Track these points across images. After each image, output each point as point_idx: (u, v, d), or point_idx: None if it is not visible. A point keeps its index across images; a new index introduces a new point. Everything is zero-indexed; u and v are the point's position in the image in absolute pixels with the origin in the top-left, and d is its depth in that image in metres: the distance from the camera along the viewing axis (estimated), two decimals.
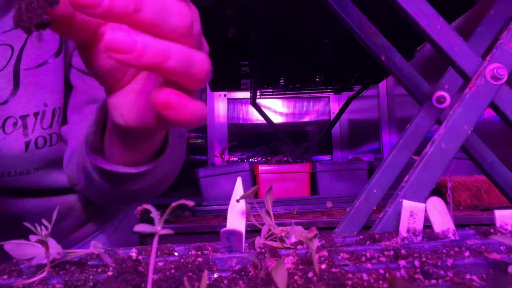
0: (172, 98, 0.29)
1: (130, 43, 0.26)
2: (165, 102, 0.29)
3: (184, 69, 0.28)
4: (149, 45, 0.27)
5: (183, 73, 0.28)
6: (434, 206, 0.39)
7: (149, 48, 0.26)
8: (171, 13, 0.28)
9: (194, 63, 0.29)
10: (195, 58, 0.29)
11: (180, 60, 0.28)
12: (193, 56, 0.29)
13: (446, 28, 0.54)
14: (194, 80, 0.29)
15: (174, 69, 0.28)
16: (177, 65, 0.28)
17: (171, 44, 0.28)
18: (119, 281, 0.26)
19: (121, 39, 0.26)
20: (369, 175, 1.54)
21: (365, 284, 0.25)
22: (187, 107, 0.29)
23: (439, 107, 0.71)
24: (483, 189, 1.05)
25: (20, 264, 0.33)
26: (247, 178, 1.52)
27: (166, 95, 0.29)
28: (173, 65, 0.27)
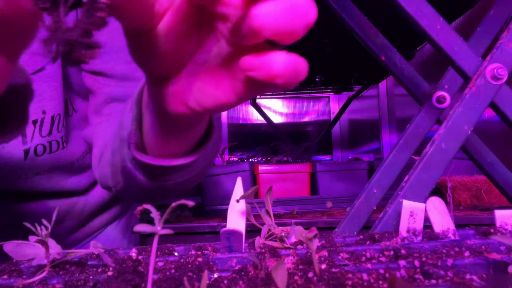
0: (261, 56, 0.27)
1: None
2: (254, 63, 0.27)
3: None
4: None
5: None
6: (434, 206, 0.39)
7: None
8: None
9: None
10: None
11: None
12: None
13: (446, 28, 0.54)
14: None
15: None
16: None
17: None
18: (119, 281, 0.26)
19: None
20: (369, 175, 1.54)
21: (365, 284, 0.25)
22: (281, 61, 0.27)
23: (439, 107, 0.71)
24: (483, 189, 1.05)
25: (20, 264, 0.33)
26: (247, 178, 1.52)
27: (254, 56, 0.27)
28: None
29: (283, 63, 0.26)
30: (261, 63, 0.27)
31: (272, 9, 0.25)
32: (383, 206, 0.53)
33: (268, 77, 0.27)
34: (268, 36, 0.26)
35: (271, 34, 0.26)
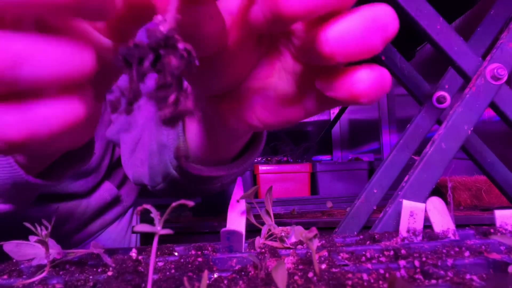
0: (340, 75, 0.23)
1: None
2: (332, 83, 0.23)
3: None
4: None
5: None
6: (434, 206, 0.39)
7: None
8: None
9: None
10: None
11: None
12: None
13: (446, 28, 0.54)
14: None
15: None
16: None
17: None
18: (119, 281, 0.26)
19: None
20: (369, 175, 1.54)
21: (365, 284, 0.25)
22: (365, 80, 0.23)
23: (439, 107, 0.71)
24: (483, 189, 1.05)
25: (20, 264, 0.33)
26: (247, 178, 1.52)
27: (331, 75, 0.23)
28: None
29: (367, 81, 0.23)
30: (341, 83, 0.23)
31: (346, 31, 0.21)
32: (383, 206, 0.53)
33: (351, 97, 0.23)
34: (341, 61, 0.22)
35: (344, 59, 0.22)
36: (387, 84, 0.23)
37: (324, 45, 0.21)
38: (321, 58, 0.22)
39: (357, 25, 0.21)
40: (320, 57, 0.22)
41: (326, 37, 0.21)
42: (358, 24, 0.21)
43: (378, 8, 0.22)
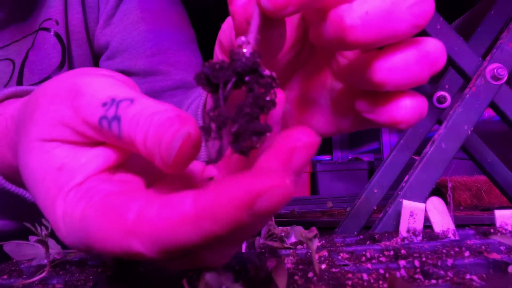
0: (383, 100, 0.24)
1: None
2: (374, 107, 0.24)
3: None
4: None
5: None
6: (434, 206, 0.39)
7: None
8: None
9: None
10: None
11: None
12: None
13: (446, 28, 0.54)
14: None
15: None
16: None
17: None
18: (119, 281, 0.26)
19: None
20: (369, 175, 1.54)
21: (365, 284, 0.25)
22: (407, 108, 0.23)
23: (440, 107, 0.71)
24: (483, 189, 1.05)
25: (20, 264, 0.33)
26: None
27: (374, 99, 0.24)
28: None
29: (410, 109, 0.23)
30: (385, 108, 0.24)
31: (400, 63, 0.22)
32: (383, 206, 0.53)
33: (392, 122, 0.24)
34: (389, 90, 0.23)
35: (393, 88, 0.23)
36: (425, 111, 0.24)
37: (377, 73, 0.22)
38: (370, 84, 0.23)
39: (412, 58, 0.22)
40: (369, 83, 0.23)
41: (380, 66, 0.22)
42: (412, 57, 0.22)
43: (432, 43, 0.22)
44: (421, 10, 0.21)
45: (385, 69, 0.22)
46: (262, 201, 0.15)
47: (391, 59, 0.22)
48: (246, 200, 0.15)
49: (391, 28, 0.21)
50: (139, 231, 0.18)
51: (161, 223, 0.17)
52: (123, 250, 0.18)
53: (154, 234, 0.17)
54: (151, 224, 0.17)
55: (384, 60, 0.22)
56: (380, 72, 0.22)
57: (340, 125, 0.29)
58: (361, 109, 0.25)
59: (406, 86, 0.23)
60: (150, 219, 0.17)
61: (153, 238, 0.17)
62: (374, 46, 0.22)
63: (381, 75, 0.22)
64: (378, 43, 0.21)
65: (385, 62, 0.22)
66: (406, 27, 0.21)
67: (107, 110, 0.21)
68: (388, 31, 0.21)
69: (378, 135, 2.42)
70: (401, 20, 0.21)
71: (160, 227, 0.17)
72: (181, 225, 0.16)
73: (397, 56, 0.22)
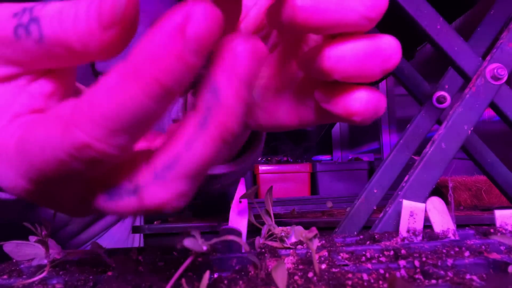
0: (339, 90, 0.23)
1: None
2: (331, 97, 0.24)
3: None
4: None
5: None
6: (434, 206, 0.39)
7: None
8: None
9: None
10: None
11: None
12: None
13: (446, 28, 0.54)
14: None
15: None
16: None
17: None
18: (119, 281, 0.26)
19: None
20: (369, 175, 1.54)
21: (365, 284, 0.25)
22: (362, 100, 0.23)
23: (439, 107, 0.71)
24: (483, 189, 1.05)
25: (20, 264, 0.33)
26: (247, 178, 1.52)
27: (331, 89, 0.24)
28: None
29: (364, 101, 0.23)
30: (339, 98, 0.24)
31: (348, 53, 0.22)
32: (383, 206, 0.53)
33: (346, 114, 0.24)
34: (338, 79, 0.23)
35: (341, 78, 0.23)
36: (382, 109, 0.24)
37: (326, 60, 0.22)
38: (320, 72, 0.23)
39: (361, 50, 0.22)
40: (319, 71, 0.23)
41: (329, 53, 0.22)
42: (362, 50, 0.22)
43: (386, 39, 0.22)
44: (372, 2, 0.21)
45: (333, 57, 0.22)
46: (192, 23, 0.15)
47: (340, 48, 0.22)
48: (177, 25, 0.15)
49: (342, 15, 0.21)
50: (78, 117, 0.17)
51: (100, 96, 0.17)
52: (66, 150, 0.18)
53: (96, 113, 0.17)
54: (89, 105, 0.17)
55: (333, 48, 0.22)
56: (328, 60, 0.22)
57: (302, 117, 0.29)
58: (319, 99, 0.25)
59: (356, 79, 0.23)
60: (88, 101, 0.17)
61: (95, 118, 0.17)
62: (324, 31, 0.22)
63: (329, 63, 0.22)
64: (329, 29, 0.21)
65: (334, 50, 0.22)
66: (357, 18, 0.21)
67: (20, 18, 0.20)
68: (338, 17, 0.21)
69: (378, 135, 2.42)
70: (352, 9, 0.21)
71: (100, 101, 0.16)
72: (123, 87, 0.16)
73: (347, 46, 0.22)
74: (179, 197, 0.19)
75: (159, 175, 0.19)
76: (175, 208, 0.20)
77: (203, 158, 0.18)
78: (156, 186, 0.19)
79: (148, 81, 0.16)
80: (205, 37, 0.16)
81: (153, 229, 0.84)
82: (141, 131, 0.18)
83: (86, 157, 0.18)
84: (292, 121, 0.29)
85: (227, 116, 0.17)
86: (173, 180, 0.19)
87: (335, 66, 0.22)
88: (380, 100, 0.24)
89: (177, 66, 0.16)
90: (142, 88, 0.16)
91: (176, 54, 0.15)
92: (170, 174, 0.19)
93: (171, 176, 0.19)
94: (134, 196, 0.20)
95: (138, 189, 0.19)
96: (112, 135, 0.17)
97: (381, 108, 0.24)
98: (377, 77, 0.23)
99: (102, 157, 0.18)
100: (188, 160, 0.18)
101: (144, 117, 0.17)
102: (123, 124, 0.17)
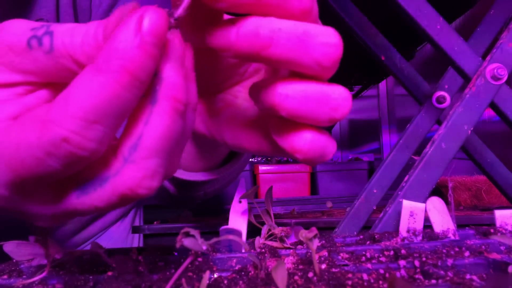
0: (288, 126, 0.24)
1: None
2: (280, 131, 0.24)
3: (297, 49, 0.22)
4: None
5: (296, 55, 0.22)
6: (434, 206, 0.39)
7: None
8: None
9: (311, 39, 0.22)
10: (312, 33, 0.22)
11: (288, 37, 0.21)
12: (308, 31, 0.22)
13: (446, 28, 0.54)
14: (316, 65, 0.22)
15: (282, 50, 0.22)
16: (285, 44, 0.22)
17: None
18: (119, 281, 0.26)
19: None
20: (369, 175, 1.54)
21: (365, 284, 0.25)
22: (307, 140, 0.24)
23: (439, 107, 0.71)
24: (483, 189, 1.05)
25: (20, 264, 0.33)
26: (247, 178, 1.52)
27: (282, 123, 0.24)
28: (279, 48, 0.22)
29: (309, 142, 0.24)
30: (287, 133, 0.24)
31: (297, 93, 0.22)
32: (383, 206, 0.53)
33: (290, 150, 0.24)
34: (285, 116, 0.23)
35: (288, 116, 0.23)
36: (329, 153, 0.25)
37: (275, 95, 0.23)
38: (267, 105, 0.23)
39: (310, 93, 0.22)
40: (267, 104, 0.23)
41: (279, 89, 0.23)
42: (311, 93, 0.22)
43: (337, 89, 0.23)
44: (325, 51, 0.22)
45: (282, 94, 0.23)
46: (146, 21, 0.19)
47: (290, 86, 0.23)
48: (135, 23, 0.19)
49: (297, 54, 0.21)
50: (55, 113, 0.19)
51: (76, 90, 0.19)
52: (43, 147, 0.19)
53: (72, 106, 0.18)
54: (66, 100, 0.19)
55: (284, 84, 0.23)
56: (278, 96, 0.23)
57: (261, 145, 0.29)
58: (271, 129, 0.26)
59: (302, 119, 0.23)
60: (64, 97, 0.19)
61: (71, 111, 0.18)
62: (279, 65, 0.22)
63: (278, 98, 0.23)
64: (283, 63, 0.22)
65: (284, 86, 0.23)
66: (310, 61, 0.22)
67: (37, 31, 0.22)
68: (293, 55, 0.21)
69: (378, 135, 2.42)
70: (306, 51, 0.21)
71: (76, 95, 0.18)
72: (96, 79, 0.18)
73: (297, 86, 0.23)
74: (151, 176, 0.20)
75: (127, 158, 0.20)
76: (149, 189, 0.21)
77: (163, 130, 0.20)
78: (127, 170, 0.20)
79: (118, 70, 0.18)
80: (156, 30, 0.19)
81: (153, 229, 0.84)
82: (115, 122, 0.20)
83: (63, 153, 0.19)
84: (252, 147, 0.30)
85: (171, 87, 0.20)
86: (142, 159, 0.20)
87: (282, 103, 0.23)
88: (328, 145, 0.24)
89: (139, 55, 0.19)
90: (114, 77, 0.18)
91: (137, 44, 0.18)
92: (138, 154, 0.20)
93: (139, 156, 0.20)
94: (107, 183, 0.21)
95: (110, 177, 0.21)
96: (89, 128, 0.19)
97: (328, 152, 0.24)
98: (324, 124, 0.23)
99: (78, 152, 0.19)
100: (150, 135, 0.20)
101: (117, 106, 0.19)
102: (99, 114, 0.19)
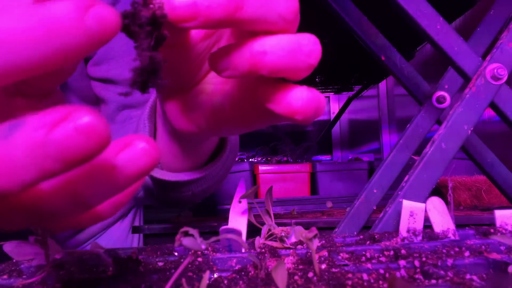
0: (280, 89, 0.24)
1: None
2: (273, 96, 0.24)
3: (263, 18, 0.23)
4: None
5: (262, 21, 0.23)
6: (434, 206, 0.39)
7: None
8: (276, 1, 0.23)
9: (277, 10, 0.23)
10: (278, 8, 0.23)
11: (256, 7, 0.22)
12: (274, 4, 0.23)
13: (446, 28, 0.54)
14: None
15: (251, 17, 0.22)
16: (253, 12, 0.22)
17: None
18: (119, 281, 0.26)
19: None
20: (369, 175, 1.54)
21: (365, 284, 0.25)
22: (303, 98, 0.24)
23: (439, 107, 0.71)
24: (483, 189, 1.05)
25: (20, 264, 0.33)
26: (247, 178, 1.51)
27: (273, 88, 0.24)
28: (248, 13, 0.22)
29: (305, 100, 0.24)
30: (281, 97, 0.25)
31: (272, 48, 0.23)
32: (383, 206, 0.53)
33: (288, 112, 0.24)
34: (265, 74, 0.24)
35: (269, 73, 0.24)
36: (322, 108, 0.25)
37: (251, 56, 0.23)
38: (243, 68, 0.24)
39: (284, 44, 0.23)
40: (243, 67, 0.24)
41: (256, 48, 0.23)
42: (286, 44, 0.23)
43: (305, 36, 0.24)
44: (286, 5, 0.23)
45: (259, 51, 0.23)
46: (91, 14, 0.17)
47: (264, 42, 0.23)
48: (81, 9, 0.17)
49: (265, 11, 0.23)
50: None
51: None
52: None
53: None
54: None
55: (258, 42, 0.23)
56: (256, 54, 0.23)
57: (250, 118, 0.30)
58: (262, 98, 0.26)
59: (283, 73, 0.24)
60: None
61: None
62: (248, 25, 0.23)
63: (256, 57, 0.23)
64: (253, 22, 0.23)
65: (259, 43, 0.23)
66: (276, 17, 0.23)
67: None
68: (261, 12, 0.23)
69: (378, 135, 2.42)
70: (271, 8, 0.23)
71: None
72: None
73: (270, 41, 0.23)
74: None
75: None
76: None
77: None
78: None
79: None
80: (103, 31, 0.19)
81: (153, 229, 0.84)
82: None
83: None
84: (243, 124, 0.30)
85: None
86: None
87: (262, 60, 0.23)
88: (320, 99, 0.25)
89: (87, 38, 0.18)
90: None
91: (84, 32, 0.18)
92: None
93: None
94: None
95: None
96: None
97: (321, 106, 0.25)
98: (303, 73, 0.24)
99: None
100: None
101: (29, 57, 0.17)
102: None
